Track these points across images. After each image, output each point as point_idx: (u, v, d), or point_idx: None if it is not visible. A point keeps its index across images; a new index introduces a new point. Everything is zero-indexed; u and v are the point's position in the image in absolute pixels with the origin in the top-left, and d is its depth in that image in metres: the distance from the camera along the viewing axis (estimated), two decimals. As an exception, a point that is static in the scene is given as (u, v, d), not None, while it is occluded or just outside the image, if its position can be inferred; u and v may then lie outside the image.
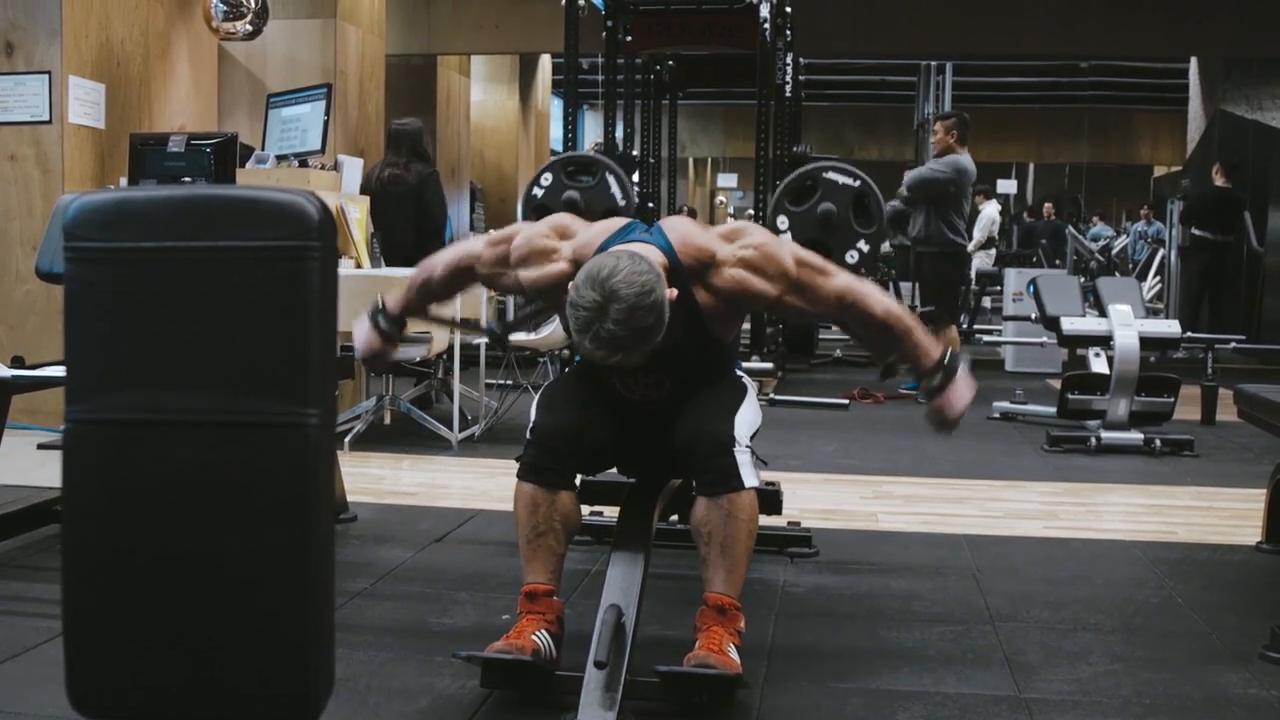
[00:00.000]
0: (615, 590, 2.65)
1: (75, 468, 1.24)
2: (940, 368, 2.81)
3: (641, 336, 2.47)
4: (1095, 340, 6.29)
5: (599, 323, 2.44)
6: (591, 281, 2.46)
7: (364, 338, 3.03)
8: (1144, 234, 17.19)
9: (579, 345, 2.52)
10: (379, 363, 3.11)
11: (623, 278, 2.44)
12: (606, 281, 2.44)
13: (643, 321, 2.45)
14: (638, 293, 2.44)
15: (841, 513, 4.56)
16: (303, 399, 1.19)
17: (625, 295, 2.43)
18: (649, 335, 2.48)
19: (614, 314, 2.43)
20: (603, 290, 2.44)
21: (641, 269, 2.47)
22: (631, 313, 2.43)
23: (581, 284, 2.47)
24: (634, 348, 2.48)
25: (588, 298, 2.45)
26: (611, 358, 2.50)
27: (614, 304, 2.43)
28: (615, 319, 2.43)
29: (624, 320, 2.43)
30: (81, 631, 1.27)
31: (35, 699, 2.53)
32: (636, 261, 2.49)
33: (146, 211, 1.22)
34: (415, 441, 5.86)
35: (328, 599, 1.23)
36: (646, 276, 2.47)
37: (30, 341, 5.66)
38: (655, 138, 10.09)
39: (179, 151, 5.38)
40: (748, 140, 11.55)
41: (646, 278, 2.46)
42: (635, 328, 2.45)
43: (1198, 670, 2.88)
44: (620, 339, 2.45)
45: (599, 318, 2.44)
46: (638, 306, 2.44)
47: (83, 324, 1.24)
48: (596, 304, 2.44)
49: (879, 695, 2.69)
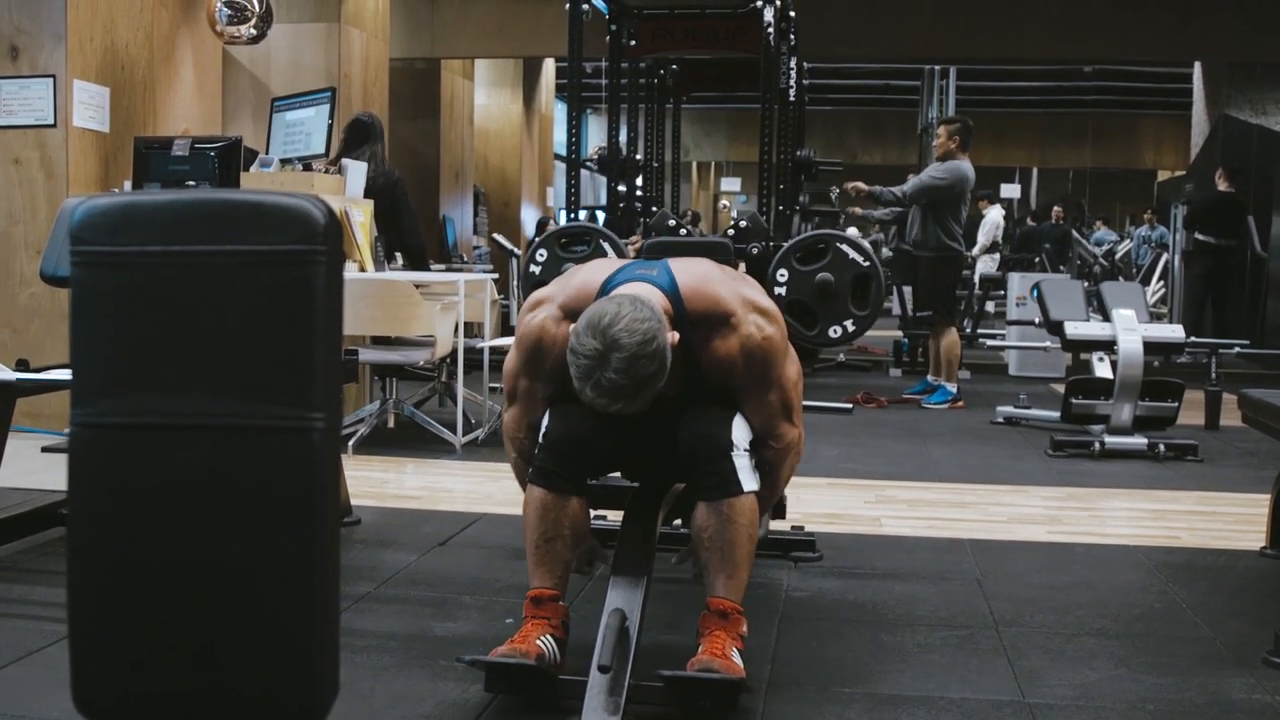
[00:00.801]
0: (619, 595, 2.64)
1: (81, 471, 1.24)
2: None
3: (643, 385, 2.46)
4: (1099, 345, 6.29)
5: (600, 371, 2.43)
6: (593, 330, 2.44)
7: None
8: (1147, 239, 17.19)
9: (580, 393, 2.50)
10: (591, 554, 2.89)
11: (624, 326, 2.42)
12: (608, 330, 2.42)
13: (644, 370, 2.44)
14: (639, 341, 2.42)
15: (845, 517, 4.55)
16: (308, 403, 1.19)
17: (627, 344, 2.41)
18: (650, 383, 2.47)
19: (615, 363, 2.42)
20: (604, 339, 2.42)
21: (643, 315, 2.45)
22: (633, 362, 2.42)
23: (582, 331, 2.46)
24: (635, 396, 2.47)
25: (589, 346, 2.43)
26: (612, 406, 2.48)
27: (615, 353, 2.41)
28: (617, 368, 2.42)
29: (625, 369, 2.42)
30: (86, 634, 1.27)
31: (38, 703, 2.53)
32: (639, 308, 2.47)
33: (153, 216, 1.22)
34: (419, 445, 5.86)
35: (333, 603, 1.23)
36: (649, 324, 2.45)
37: (34, 345, 5.68)
38: (659, 142, 10.09)
39: (183, 155, 5.38)
40: (751, 144, 11.56)
41: (648, 325, 2.44)
42: (637, 376, 2.44)
43: (1202, 675, 2.87)
44: (622, 388, 2.44)
45: (600, 366, 2.43)
46: (639, 355, 2.42)
47: (88, 327, 1.24)
48: (597, 352, 2.42)
49: (882, 700, 2.69)
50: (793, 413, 2.80)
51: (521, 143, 14.99)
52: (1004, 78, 21.03)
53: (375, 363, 6.12)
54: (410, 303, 5.56)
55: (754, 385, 2.71)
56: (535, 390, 2.79)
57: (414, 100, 11.89)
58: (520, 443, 2.87)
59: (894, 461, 5.81)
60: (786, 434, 2.80)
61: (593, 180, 16.71)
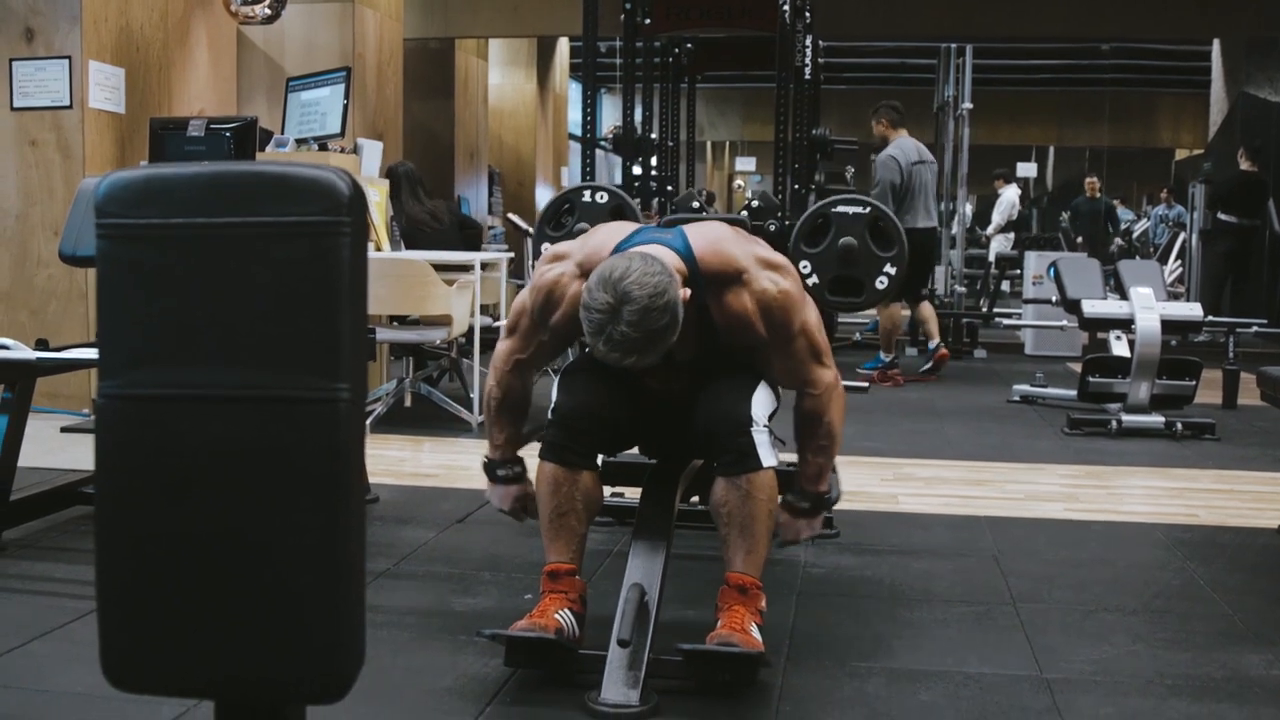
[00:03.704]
0: (638, 570, 2.66)
1: (108, 444, 1.25)
2: (817, 499, 2.90)
3: (654, 338, 2.47)
4: (1116, 323, 6.26)
5: (612, 325, 2.44)
6: (604, 284, 2.45)
7: (499, 496, 2.98)
8: (1165, 218, 17.08)
9: (593, 348, 2.52)
10: (527, 507, 2.98)
11: (635, 279, 2.43)
12: (619, 283, 2.43)
13: (656, 323, 2.45)
14: (650, 294, 2.43)
15: (862, 494, 4.55)
16: (334, 374, 1.19)
17: (638, 297, 2.42)
18: (662, 337, 2.48)
19: (627, 316, 2.42)
20: (615, 292, 2.43)
21: (654, 270, 2.46)
22: (645, 314, 2.43)
23: (594, 286, 2.47)
24: (647, 350, 2.48)
25: (600, 300, 2.44)
26: (625, 360, 2.49)
27: (627, 306, 2.42)
28: (628, 321, 2.42)
29: (637, 322, 2.43)
30: (115, 607, 1.28)
31: (62, 677, 2.56)
32: (649, 263, 2.48)
33: (177, 188, 1.22)
34: (435, 424, 5.88)
35: (358, 573, 1.24)
36: (659, 278, 2.45)
37: (52, 325, 5.70)
38: (673, 121, 10.04)
39: (199, 135, 5.39)
40: (766, 124, 11.52)
41: (659, 279, 2.45)
42: (648, 329, 2.44)
43: (1219, 652, 2.88)
44: (633, 341, 2.45)
45: (612, 320, 2.43)
46: (651, 308, 2.43)
47: (114, 300, 1.25)
48: (609, 306, 2.43)
49: (900, 675, 2.70)
50: (822, 355, 2.80)
51: (536, 122, 14.96)
52: (1021, 56, 20.88)
53: (392, 342, 6.14)
54: (426, 282, 5.56)
55: (778, 338, 2.72)
56: (536, 332, 2.83)
57: (428, 80, 11.86)
58: (502, 373, 2.91)
59: (911, 439, 5.81)
60: (822, 377, 2.80)
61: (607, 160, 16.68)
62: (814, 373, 2.78)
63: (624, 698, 2.43)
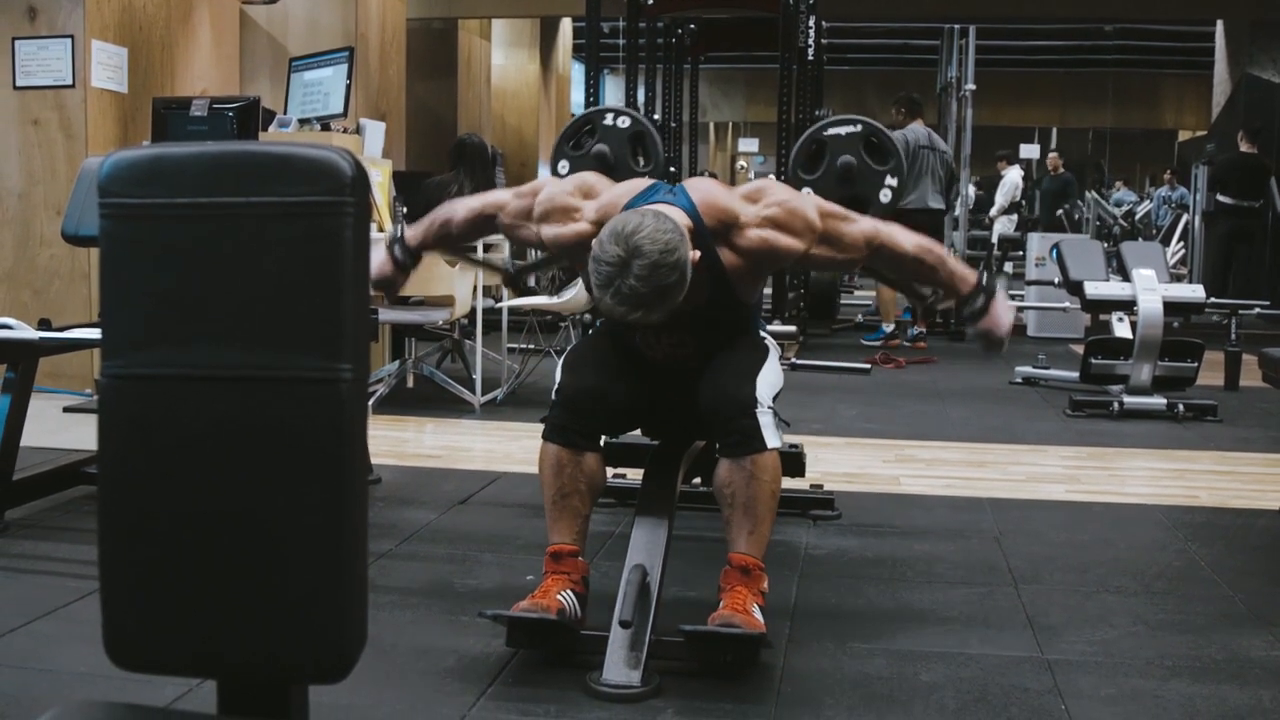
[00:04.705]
0: (640, 551, 2.66)
1: (111, 423, 1.25)
2: (980, 290, 2.87)
3: (663, 294, 2.47)
4: (1119, 305, 6.26)
5: (621, 278, 2.44)
6: (616, 237, 2.46)
7: (377, 264, 3.04)
8: (1168, 199, 17.05)
9: (600, 301, 2.52)
10: (390, 289, 3.10)
11: (647, 234, 2.44)
12: (630, 238, 2.44)
13: (665, 279, 2.45)
14: (661, 250, 2.44)
15: (864, 476, 4.56)
16: (336, 353, 1.19)
17: (649, 251, 2.43)
18: (671, 293, 2.48)
19: (637, 270, 2.43)
20: (626, 246, 2.44)
21: (666, 227, 2.47)
22: (654, 269, 2.44)
23: (606, 239, 2.48)
24: (655, 305, 2.49)
25: (611, 253, 2.45)
26: (632, 314, 2.50)
27: (637, 260, 2.43)
28: (638, 275, 2.43)
29: (646, 277, 2.44)
30: (118, 586, 1.28)
31: (65, 656, 2.57)
32: (661, 220, 2.49)
33: (181, 167, 1.22)
34: (438, 405, 5.89)
35: (361, 554, 1.24)
36: (670, 235, 2.47)
37: (54, 305, 5.70)
38: (676, 102, 10.05)
39: (202, 115, 5.39)
40: (769, 105, 11.49)
41: (670, 236, 2.46)
42: (657, 285, 2.45)
43: (1220, 633, 2.88)
44: (642, 295, 2.46)
45: (622, 273, 2.44)
46: (660, 264, 2.44)
47: (117, 280, 1.24)
48: (620, 259, 2.44)
49: (902, 656, 2.70)
50: (850, 217, 2.81)
51: (539, 103, 14.93)
52: (1024, 37, 20.85)
53: (394, 322, 6.14)
54: (429, 262, 5.55)
55: (809, 242, 2.74)
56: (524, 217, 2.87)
57: (431, 60, 11.83)
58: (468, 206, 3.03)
59: (912, 421, 5.81)
60: (867, 230, 2.81)
61: (610, 141, 16.50)
62: (859, 234, 2.79)
63: (626, 678, 2.44)
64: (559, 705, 2.40)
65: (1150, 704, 2.47)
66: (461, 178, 6.60)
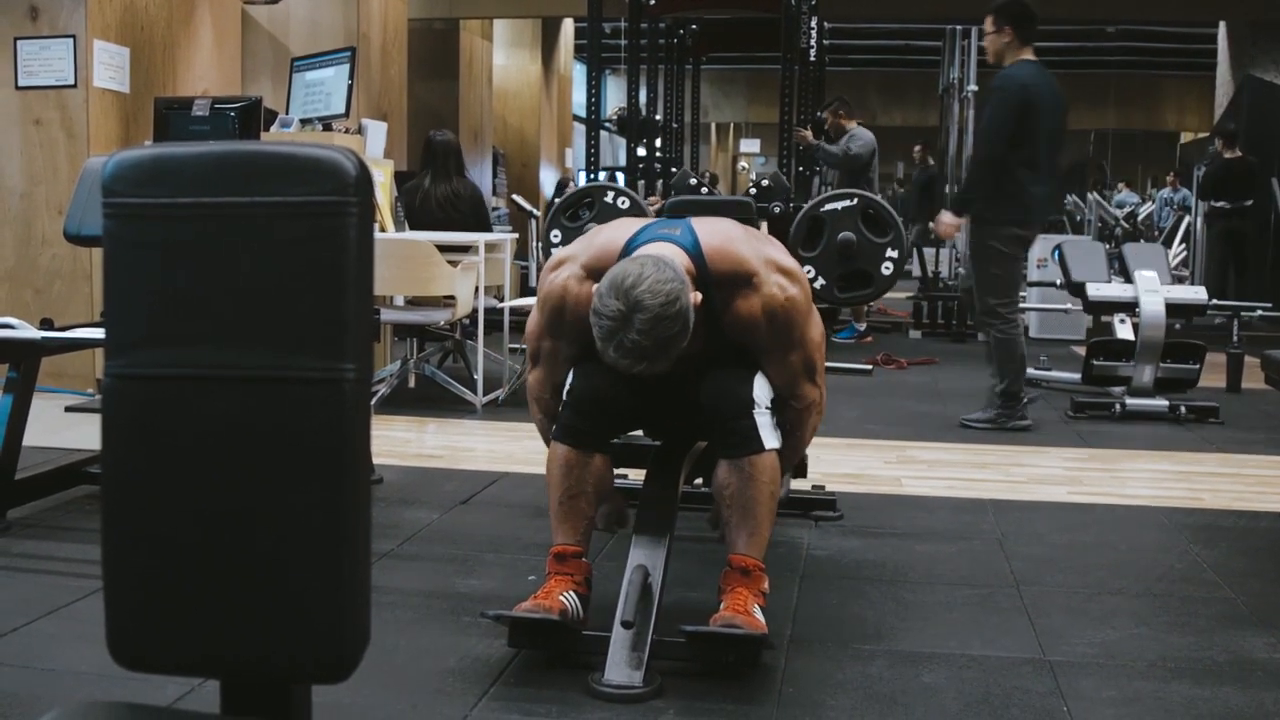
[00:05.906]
0: (642, 552, 2.66)
1: (115, 422, 1.25)
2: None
3: (666, 346, 2.45)
4: (1121, 306, 6.26)
5: (623, 333, 2.42)
6: (615, 290, 2.43)
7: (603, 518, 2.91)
8: (1170, 201, 17.04)
9: (602, 354, 2.50)
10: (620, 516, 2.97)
11: (647, 287, 2.41)
12: (631, 291, 2.41)
13: (667, 331, 2.43)
14: (662, 302, 2.41)
15: (866, 477, 4.56)
16: (340, 354, 1.19)
17: (650, 305, 2.40)
18: (673, 344, 2.46)
19: (638, 324, 2.41)
20: (627, 300, 2.41)
21: (666, 276, 2.44)
22: (656, 323, 2.41)
23: (605, 292, 2.45)
24: (658, 357, 2.47)
25: (611, 307, 2.42)
26: (636, 367, 2.48)
27: (638, 314, 2.40)
28: (640, 329, 2.41)
29: (648, 330, 2.41)
30: (121, 585, 1.28)
31: (68, 656, 2.57)
32: (661, 268, 2.45)
33: (185, 167, 1.22)
34: (439, 405, 5.88)
35: (363, 554, 1.24)
36: (671, 285, 2.43)
37: (56, 305, 5.70)
38: (678, 103, 10.05)
39: (203, 115, 5.39)
40: (770, 105, 11.49)
41: (671, 286, 2.43)
42: (659, 337, 2.43)
43: (1223, 635, 2.88)
44: (645, 349, 2.43)
45: (623, 328, 2.42)
46: (663, 316, 2.41)
47: (121, 279, 1.24)
48: (620, 314, 2.41)
49: (903, 657, 2.70)
50: (815, 373, 2.81)
51: (540, 104, 14.94)
52: (1026, 38, 20.81)
53: (396, 323, 6.14)
54: (430, 263, 5.56)
55: (777, 345, 2.71)
56: (558, 350, 2.79)
57: (432, 61, 11.85)
58: (545, 403, 2.88)
59: (914, 422, 5.81)
60: (808, 394, 2.81)
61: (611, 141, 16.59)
62: (803, 387, 2.79)
63: (627, 679, 2.44)
64: (561, 706, 2.40)
65: (1152, 706, 2.46)
66: (426, 177, 6.57)
